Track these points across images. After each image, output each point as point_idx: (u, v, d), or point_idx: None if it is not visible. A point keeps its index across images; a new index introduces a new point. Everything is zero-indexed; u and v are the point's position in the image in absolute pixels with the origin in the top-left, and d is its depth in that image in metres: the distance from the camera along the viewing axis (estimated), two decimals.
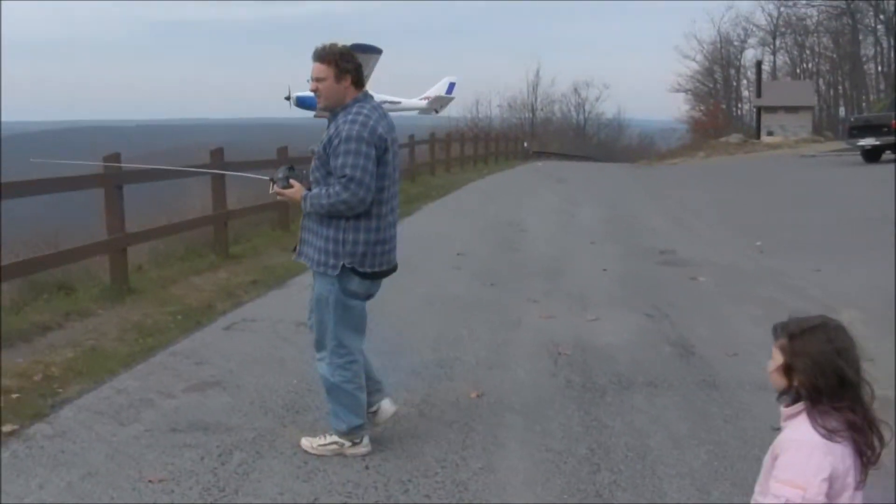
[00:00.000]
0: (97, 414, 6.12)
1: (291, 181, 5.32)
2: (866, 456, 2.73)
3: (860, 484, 2.76)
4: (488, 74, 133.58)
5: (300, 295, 9.99)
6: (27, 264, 9.75)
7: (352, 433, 5.34)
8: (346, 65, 5.15)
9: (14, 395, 6.53)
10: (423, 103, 13.88)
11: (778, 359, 2.78)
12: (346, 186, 4.96)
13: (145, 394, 6.54)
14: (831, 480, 2.66)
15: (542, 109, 73.31)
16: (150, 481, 4.98)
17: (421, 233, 15.89)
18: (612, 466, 5.10)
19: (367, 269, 5.15)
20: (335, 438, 5.37)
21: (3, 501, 4.73)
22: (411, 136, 28.99)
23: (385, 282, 5.39)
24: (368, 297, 5.36)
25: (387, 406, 5.62)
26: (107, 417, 6.05)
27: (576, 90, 77.74)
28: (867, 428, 2.70)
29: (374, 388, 5.58)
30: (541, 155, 49.69)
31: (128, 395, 6.54)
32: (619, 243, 13.84)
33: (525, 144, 51.26)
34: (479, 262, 12.19)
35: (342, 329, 5.24)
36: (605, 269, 11.48)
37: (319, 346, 5.38)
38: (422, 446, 5.45)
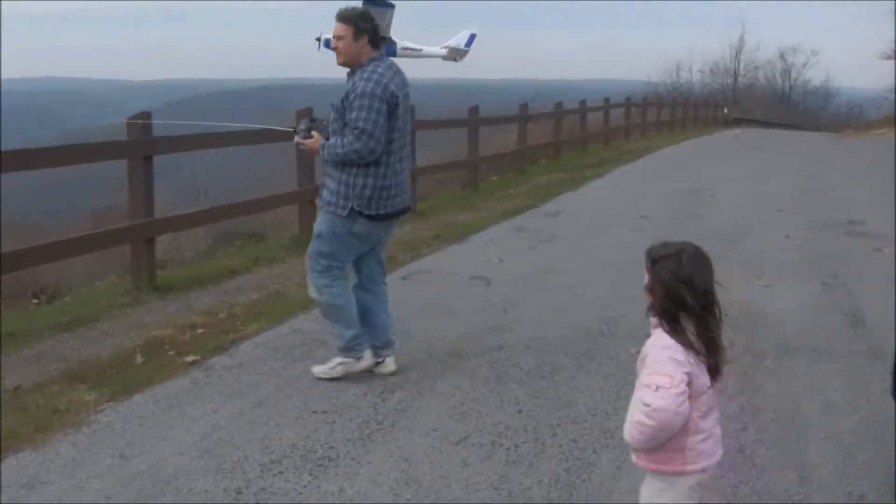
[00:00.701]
0: (273, 350, 6.45)
1: (312, 132, 5.76)
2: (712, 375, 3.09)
3: (717, 378, 3.13)
4: (690, 38, 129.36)
5: (477, 250, 10.21)
6: (221, 210, 10.28)
7: (351, 348, 5.83)
8: (364, 25, 5.59)
9: (199, 331, 6.98)
10: (444, 52, 14.13)
11: (646, 279, 3.13)
12: (358, 137, 5.42)
13: (318, 335, 6.82)
14: (691, 377, 3.01)
15: (744, 76, 70.83)
16: (314, 412, 5.25)
17: (608, 195, 15.83)
18: (760, 426, 5.02)
19: (371, 212, 5.59)
20: (339, 359, 5.86)
21: (178, 423, 5.09)
22: (606, 100, 28.71)
23: (565, 242, 5.48)
24: (372, 242, 5.81)
25: (389, 363, 5.99)
26: (281, 353, 6.38)
27: (782, 56, 74.53)
28: (706, 350, 3.05)
29: (385, 343, 5.99)
30: (741, 122, 48.16)
31: (302, 334, 6.87)
32: (808, 213, 13.34)
33: (725, 111, 49.79)
34: (662, 226, 12.03)
35: (326, 251, 5.70)
36: (787, 237, 11.11)
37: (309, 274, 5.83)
38: (576, 395, 5.51)
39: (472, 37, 7.10)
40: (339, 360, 5.86)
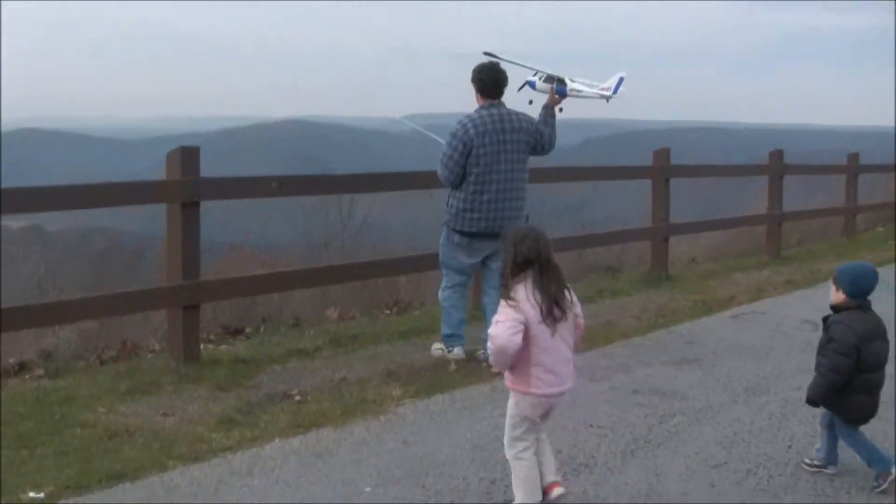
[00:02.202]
0: (576, 370, 6.87)
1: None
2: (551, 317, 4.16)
3: (549, 324, 4.17)
4: None
5: (824, 297, 9.97)
6: (577, 240, 10.90)
7: (446, 340, 7.12)
8: (474, 77, 6.85)
9: None
10: (602, 92, 13.22)
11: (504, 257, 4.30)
12: (440, 164, 6.84)
13: (627, 361, 7.18)
14: (526, 315, 4.11)
15: None
16: (590, 425, 5.63)
17: None
18: None
19: (458, 227, 6.87)
20: (438, 344, 7.21)
21: (465, 421, 5.69)
22: None
23: None
24: (475, 253, 6.96)
25: (458, 352, 7.10)
26: (582, 373, 6.78)
27: None
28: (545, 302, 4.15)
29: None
30: None
31: (611, 359, 7.24)
32: None
33: None
34: None
35: (444, 265, 7.13)
36: None
37: None
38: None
39: (621, 80, 7.19)
40: (438, 345, 7.21)
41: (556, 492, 4.34)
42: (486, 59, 7.13)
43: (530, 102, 7.25)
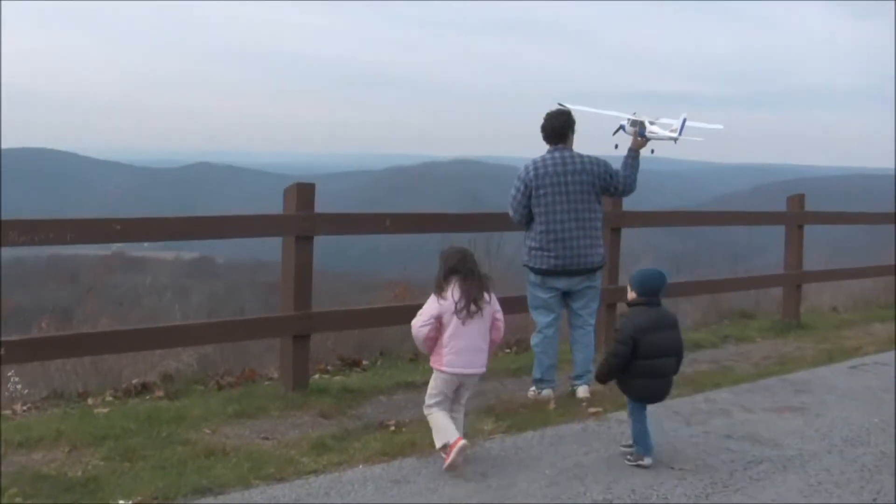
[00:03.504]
0: (675, 413, 6.88)
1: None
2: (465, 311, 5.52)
3: (464, 318, 5.52)
4: None
5: None
6: (707, 285, 10.83)
7: (536, 383, 7.29)
8: (540, 126, 7.21)
9: None
10: (671, 134, 12.31)
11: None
12: (509, 204, 7.27)
13: (729, 406, 7.14)
14: (440, 311, 5.54)
15: None
16: (671, 467, 5.65)
17: None
18: None
19: (532, 265, 7.18)
20: (533, 387, 7.31)
21: (546, 457, 5.81)
22: None
23: None
24: (547, 290, 7.20)
25: (580, 391, 7.27)
26: (680, 417, 6.79)
27: None
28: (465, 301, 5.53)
29: (576, 375, 7.36)
30: None
31: (714, 404, 7.21)
32: None
33: None
34: None
35: (532, 308, 7.37)
36: None
37: None
38: None
39: (684, 121, 7.07)
40: (533, 388, 7.31)
41: (461, 443, 5.44)
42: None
43: (616, 147, 7.35)
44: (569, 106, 7.30)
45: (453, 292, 5.53)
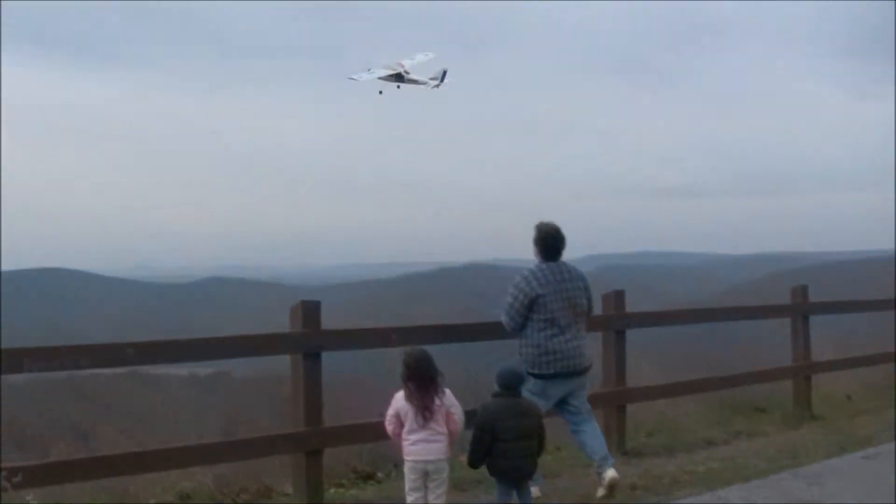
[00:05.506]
0: None
1: None
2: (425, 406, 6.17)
3: (419, 419, 6.16)
4: None
5: None
6: (715, 381, 10.89)
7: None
8: (536, 241, 7.61)
9: (636, 490, 7.67)
10: (433, 83, 12.89)
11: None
12: (503, 311, 7.55)
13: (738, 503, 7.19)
14: (400, 412, 6.24)
15: None
16: None
17: None
18: None
19: (535, 371, 7.38)
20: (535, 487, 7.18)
21: None
22: None
23: None
24: (547, 397, 7.40)
25: (609, 473, 7.34)
26: None
27: None
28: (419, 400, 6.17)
29: (596, 460, 7.47)
30: None
31: (725, 501, 7.25)
32: None
33: None
34: None
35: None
36: None
37: None
38: None
39: (444, 73, 7.37)
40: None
41: None
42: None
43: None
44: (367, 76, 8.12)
45: (410, 396, 6.19)
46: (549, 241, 7.65)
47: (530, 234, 7.67)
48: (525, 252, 7.91)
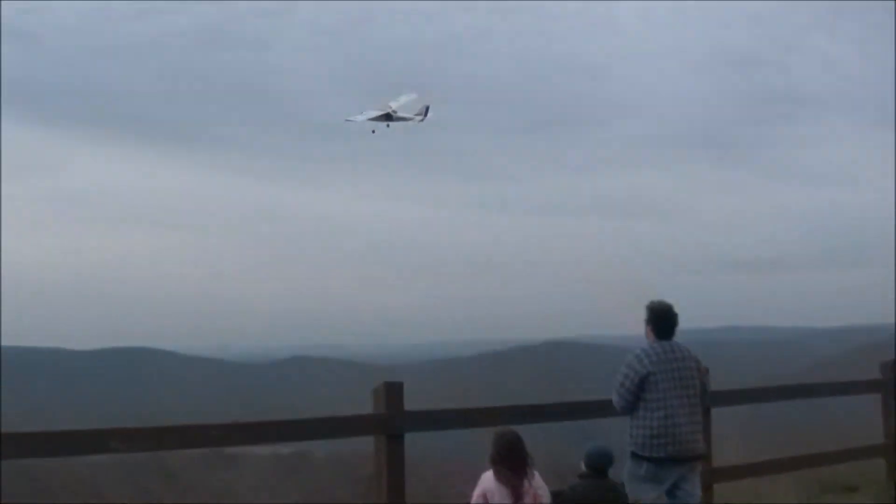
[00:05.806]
0: None
1: None
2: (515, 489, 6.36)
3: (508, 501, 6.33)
4: None
5: None
6: (802, 460, 10.61)
7: None
8: (649, 320, 7.50)
9: None
10: (418, 118, 13.16)
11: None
12: (613, 390, 7.37)
13: None
14: (488, 494, 6.39)
15: None
16: None
17: None
18: None
19: (645, 454, 7.16)
20: None
21: None
22: None
23: None
24: (657, 483, 7.17)
25: None
26: None
27: None
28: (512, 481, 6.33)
29: None
30: None
31: None
32: None
33: None
34: None
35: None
36: None
37: None
38: None
39: (427, 109, 7.42)
40: None
41: None
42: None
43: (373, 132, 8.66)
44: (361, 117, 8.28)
45: (500, 479, 6.32)
46: (663, 319, 7.52)
47: (607, 308, 7.66)
48: (604, 327, 7.89)
